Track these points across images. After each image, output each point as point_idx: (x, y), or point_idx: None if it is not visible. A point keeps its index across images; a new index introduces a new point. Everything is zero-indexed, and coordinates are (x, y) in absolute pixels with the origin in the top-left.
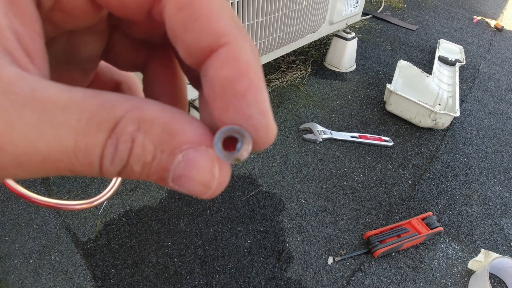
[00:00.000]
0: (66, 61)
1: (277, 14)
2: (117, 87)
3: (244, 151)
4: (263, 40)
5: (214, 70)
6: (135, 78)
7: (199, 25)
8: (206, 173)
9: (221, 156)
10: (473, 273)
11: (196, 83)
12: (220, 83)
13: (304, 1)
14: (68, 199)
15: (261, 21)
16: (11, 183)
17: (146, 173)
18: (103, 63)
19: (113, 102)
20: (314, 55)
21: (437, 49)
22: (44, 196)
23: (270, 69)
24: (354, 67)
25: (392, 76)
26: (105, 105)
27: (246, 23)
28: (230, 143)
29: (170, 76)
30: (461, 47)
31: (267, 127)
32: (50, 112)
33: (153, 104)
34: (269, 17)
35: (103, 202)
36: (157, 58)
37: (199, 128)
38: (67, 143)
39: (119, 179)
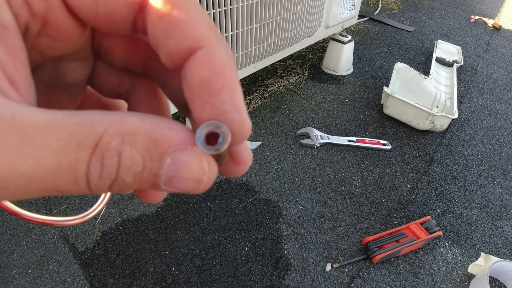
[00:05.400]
0: (54, 86)
1: (272, 20)
2: (105, 110)
3: (225, 142)
4: (258, 46)
5: (192, 71)
6: (122, 101)
7: (178, 31)
8: (196, 169)
9: (204, 149)
10: (473, 277)
11: (184, 110)
12: (197, 82)
13: (299, 6)
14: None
15: (256, 27)
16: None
17: (138, 183)
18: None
19: (91, 119)
20: (311, 59)
21: (434, 50)
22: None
23: (267, 74)
24: (351, 70)
25: (390, 78)
26: (83, 123)
27: (241, 30)
28: (213, 139)
29: (154, 103)
30: (459, 47)
31: (242, 121)
32: (30, 134)
33: (132, 116)
34: (264, 23)
35: (96, 216)
36: (140, 86)
37: (181, 131)
38: (49, 163)
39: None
